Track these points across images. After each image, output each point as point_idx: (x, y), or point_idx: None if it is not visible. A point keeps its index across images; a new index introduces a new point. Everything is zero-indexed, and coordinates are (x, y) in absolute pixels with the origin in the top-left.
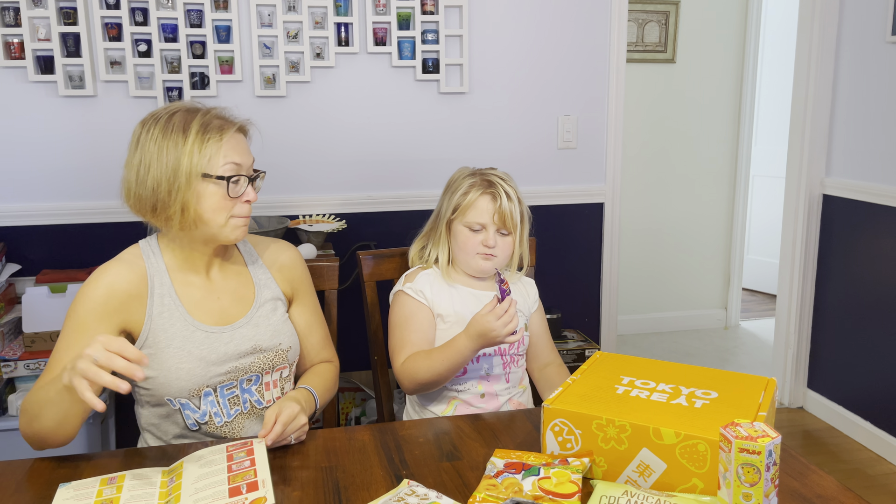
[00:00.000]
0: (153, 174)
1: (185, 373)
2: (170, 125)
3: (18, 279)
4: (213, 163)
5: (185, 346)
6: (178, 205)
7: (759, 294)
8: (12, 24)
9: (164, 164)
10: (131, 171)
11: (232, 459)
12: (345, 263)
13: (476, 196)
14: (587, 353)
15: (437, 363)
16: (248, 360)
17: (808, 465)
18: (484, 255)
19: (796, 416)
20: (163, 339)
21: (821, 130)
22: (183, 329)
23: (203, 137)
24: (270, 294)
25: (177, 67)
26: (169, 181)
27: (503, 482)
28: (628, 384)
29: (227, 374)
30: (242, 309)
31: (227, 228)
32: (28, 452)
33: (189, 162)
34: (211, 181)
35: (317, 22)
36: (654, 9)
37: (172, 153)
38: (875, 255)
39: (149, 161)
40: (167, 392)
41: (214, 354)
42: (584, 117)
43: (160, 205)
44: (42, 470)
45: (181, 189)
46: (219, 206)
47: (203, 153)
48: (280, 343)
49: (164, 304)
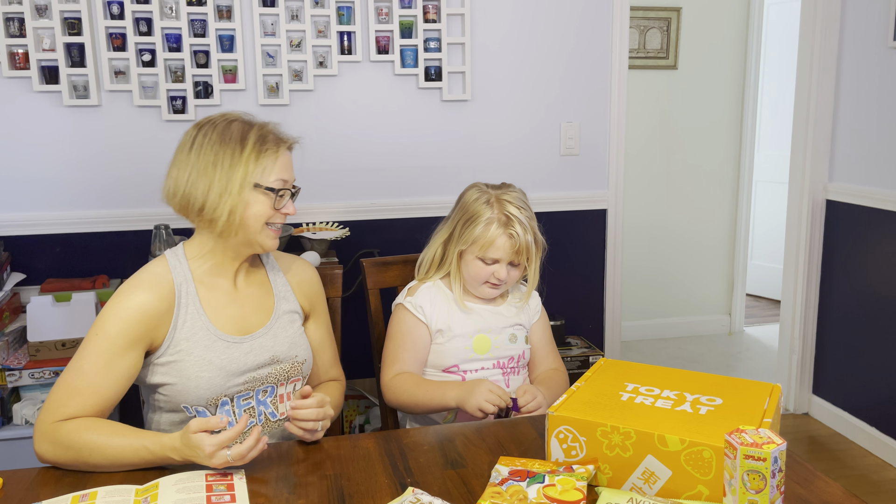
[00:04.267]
0: (207, 177)
1: (204, 381)
2: (228, 132)
3: (23, 288)
4: (266, 175)
5: (206, 355)
6: (226, 208)
7: (763, 299)
8: (17, 35)
9: (220, 169)
10: (182, 170)
11: (211, 490)
12: (348, 271)
13: (494, 234)
14: (591, 359)
15: (420, 395)
16: (266, 370)
17: (814, 472)
18: (491, 285)
19: (801, 423)
20: (184, 347)
21: (823, 135)
22: (205, 338)
23: (261, 149)
24: (288, 306)
25: (180, 77)
26: (221, 185)
27: (508, 490)
28: (633, 391)
29: (245, 385)
30: (263, 318)
31: (264, 236)
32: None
33: (244, 171)
34: (261, 192)
35: (320, 31)
36: (655, 15)
37: (228, 160)
38: (879, 260)
39: (204, 164)
40: (185, 399)
41: (234, 364)
42: (586, 124)
43: (209, 206)
44: (49, 478)
45: (232, 195)
46: (263, 215)
47: (259, 164)
48: (296, 355)
49: (188, 313)
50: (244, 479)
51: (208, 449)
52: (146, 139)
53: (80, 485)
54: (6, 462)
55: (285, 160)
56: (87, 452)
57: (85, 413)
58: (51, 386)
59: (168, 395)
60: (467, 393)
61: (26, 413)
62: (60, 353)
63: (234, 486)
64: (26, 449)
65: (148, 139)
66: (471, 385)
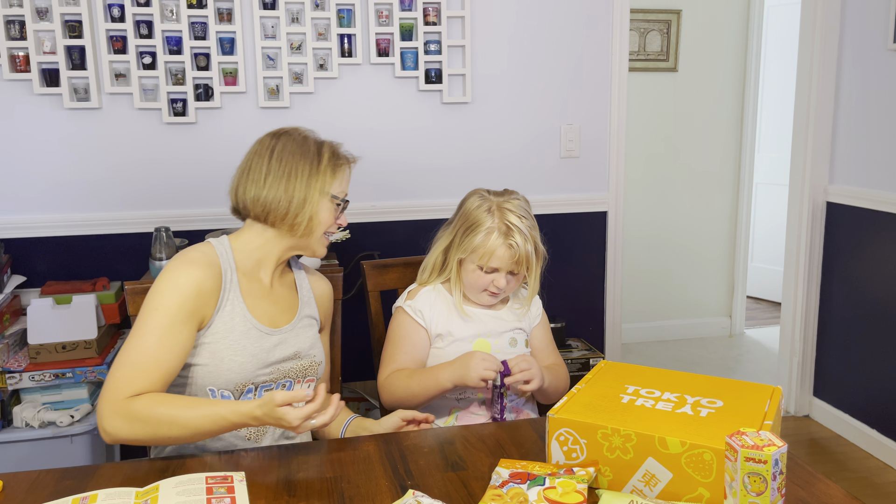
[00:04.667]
0: (292, 183)
1: (237, 365)
2: (306, 144)
3: (23, 291)
4: (338, 187)
5: (241, 340)
6: (307, 213)
7: (763, 302)
8: (18, 38)
9: (301, 178)
10: (261, 177)
11: (211, 493)
12: (349, 273)
13: (494, 244)
14: (591, 361)
15: (414, 385)
16: (289, 364)
17: (815, 474)
18: (490, 293)
19: (802, 425)
20: (221, 330)
21: (824, 138)
22: (242, 324)
23: (336, 163)
24: (309, 311)
25: (181, 79)
26: (303, 193)
27: (508, 492)
28: (633, 393)
29: (270, 375)
30: (289, 317)
31: (319, 243)
32: (32, 465)
33: (323, 180)
34: (332, 201)
35: (320, 33)
36: (655, 18)
37: (308, 169)
38: (880, 262)
39: (288, 171)
40: (214, 382)
41: (264, 354)
42: (586, 126)
43: (293, 210)
44: (48, 481)
45: (314, 201)
46: (327, 222)
47: (335, 176)
48: (315, 355)
49: (229, 298)
50: (244, 482)
51: (295, 422)
52: (147, 142)
53: (79, 488)
54: (6, 465)
55: (349, 176)
56: (165, 426)
57: (152, 388)
58: (51, 389)
59: (196, 376)
60: (462, 369)
61: (26, 416)
62: (61, 355)
63: (234, 488)
64: (27, 451)
65: (148, 142)
66: (462, 361)
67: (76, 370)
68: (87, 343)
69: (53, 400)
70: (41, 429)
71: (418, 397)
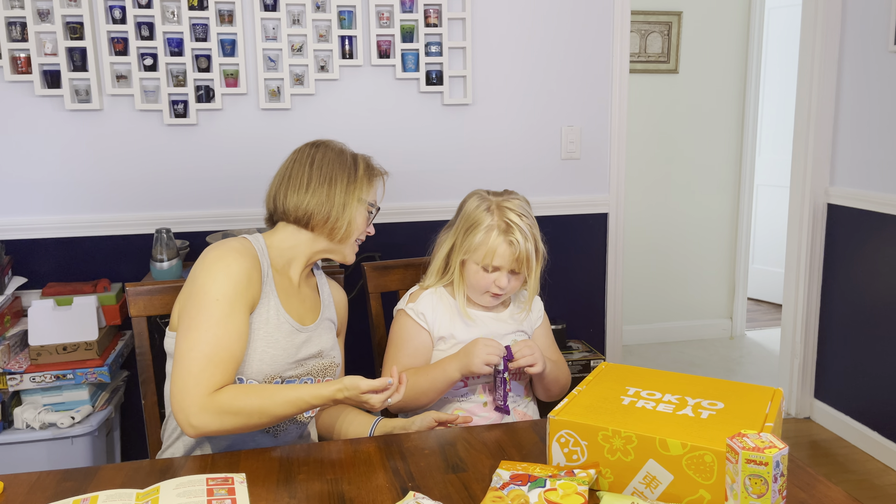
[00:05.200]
0: (333, 190)
1: (269, 357)
2: (343, 155)
3: (24, 292)
4: (372, 195)
5: (274, 333)
6: (346, 218)
7: (764, 303)
8: (19, 39)
9: (342, 184)
10: (304, 184)
11: (212, 494)
12: (349, 275)
13: (495, 242)
14: (592, 363)
15: (421, 381)
16: (312, 362)
17: (816, 476)
18: (493, 294)
19: (803, 427)
20: (257, 321)
21: (824, 140)
22: (276, 317)
23: (371, 173)
24: (329, 314)
25: (182, 81)
26: (344, 197)
27: (509, 494)
28: (634, 395)
29: (296, 370)
30: (314, 317)
31: (350, 248)
32: (33, 466)
33: (361, 188)
34: (367, 209)
35: (321, 35)
36: (656, 19)
37: (347, 177)
38: (880, 264)
39: (329, 179)
40: (244, 371)
41: (294, 349)
42: (587, 128)
43: (333, 215)
44: (49, 482)
45: (353, 207)
46: (360, 228)
47: (370, 185)
48: (335, 357)
49: (266, 291)
50: (245, 483)
51: (378, 406)
52: (148, 143)
53: (80, 489)
54: (7, 466)
55: (383, 187)
56: (255, 416)
57: (229, 378)
58: (52, 390)
59: None
60: (466, 358)
61: (27, 417)
62: (61, 356)
63: (234, 490)
64: (28, 453)
65: (149, 143)
66: (466, 349)
67: (77, 371)
68: (88, 344)
69: (54, 401)
70: (42, 430)
71: (427, 394)
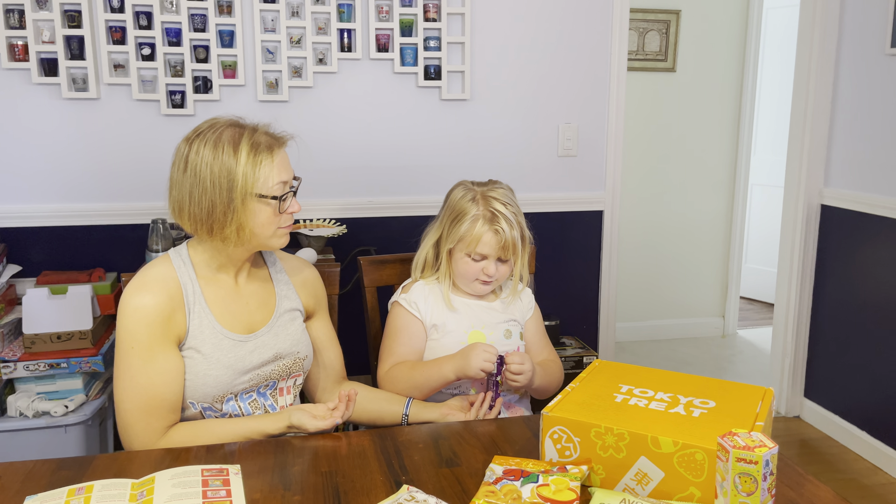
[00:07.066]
0: (208, 196)
1: (212, 379)
2: (219, 145)
3: (19, 280)
4: (266, 183)
5: (213, 353)
6: (234, 225)
7: (756, 303)
8: (16, 27)
9: (219, 187)
10: (182, 191)
11: (207, 485)
12: (345, 268)
13: (480, 231)
14: (585, 360)
15: (417, 377)
16: (269, 368)
17: (805, 475)
18: (482, 282)
19: (793, 426)
20: (194, 345)
21: (820, 140)
22: (212, 336)
23: (256, 159)
24: (290, 304)
25: (180, 71)
26: (224, 203)
27: (502, 489)
28: (627, 392)
29: (250, 382)
30: (265, 316)
31: (275, 238)
32: (26, 454)
33: (244, 183)
34: (264, 201)
35: (320, 28)
36: (654, 18)
37: (225, 175)
38: (873, 266)
39: (201, 183)
40: (192, 396)
41: (241, 363)
42: (584, 125)
43: (217, 225)
44: (43, 471)
45: (237, 210)
46: (270, 221)
47: (257, 175)
48: (298, 351)
49: (195, 311)
50: (240, 475)
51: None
52: (145, 133)
53: (75, 478)
54: (1, 454)
55: (282, 161)
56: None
57: (174, 417)
58: (46, 379)
59: None
60: (463, 360)
61: (21, 405)
62: (56, 345)
63: (229, 481)
64: (21, 441)
65: (146, 133)
66: (464, 353)
67: (71, 360)
68: (83, 333)
69: (48, 390)
70: (35, 419)
71: (421, 389)
